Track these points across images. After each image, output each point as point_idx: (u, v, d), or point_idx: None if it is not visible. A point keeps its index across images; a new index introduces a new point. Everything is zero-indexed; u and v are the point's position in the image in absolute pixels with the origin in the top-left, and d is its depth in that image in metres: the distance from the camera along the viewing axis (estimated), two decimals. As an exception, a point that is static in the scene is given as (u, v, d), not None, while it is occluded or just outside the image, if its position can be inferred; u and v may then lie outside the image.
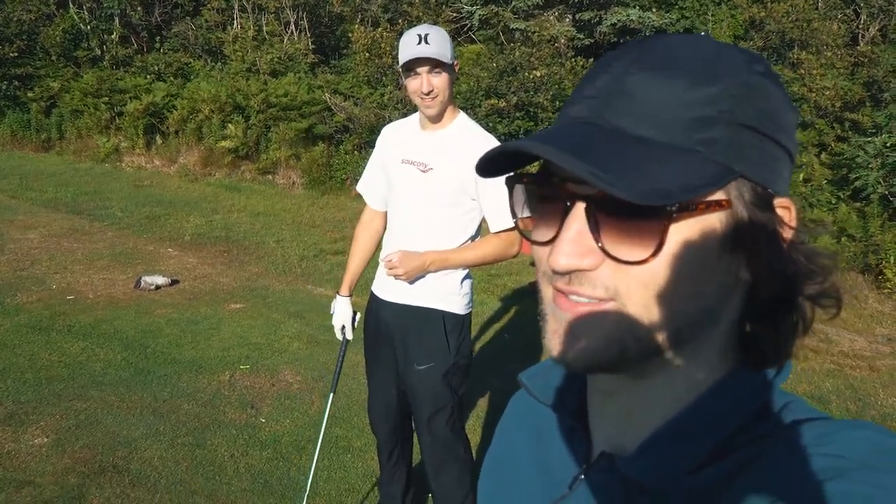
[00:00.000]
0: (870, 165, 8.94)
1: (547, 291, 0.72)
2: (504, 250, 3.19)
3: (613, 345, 0.68)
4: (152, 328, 6.27)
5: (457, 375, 3.27)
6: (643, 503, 0.72)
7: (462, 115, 3.24)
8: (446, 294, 3.23)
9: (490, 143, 3.10)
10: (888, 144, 8.82)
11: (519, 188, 0.75)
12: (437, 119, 3.16)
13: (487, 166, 0.72)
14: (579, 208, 0.67)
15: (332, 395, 3.85)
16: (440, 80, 3.04)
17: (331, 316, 3.68)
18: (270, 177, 13.18)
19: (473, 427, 4.75)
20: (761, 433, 0.70)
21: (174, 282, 7.56)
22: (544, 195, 0.72)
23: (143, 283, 7.28)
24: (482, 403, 5.16)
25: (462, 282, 3.26)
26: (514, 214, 0.75)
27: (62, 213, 10.26)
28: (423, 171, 3.16)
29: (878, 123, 9.54)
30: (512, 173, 0.73)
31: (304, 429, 4.74)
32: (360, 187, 3.59)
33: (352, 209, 11.45)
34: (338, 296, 3.64)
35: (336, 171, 12.66)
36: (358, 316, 3.66)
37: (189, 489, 3.99)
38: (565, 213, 0.68)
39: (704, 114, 0.66)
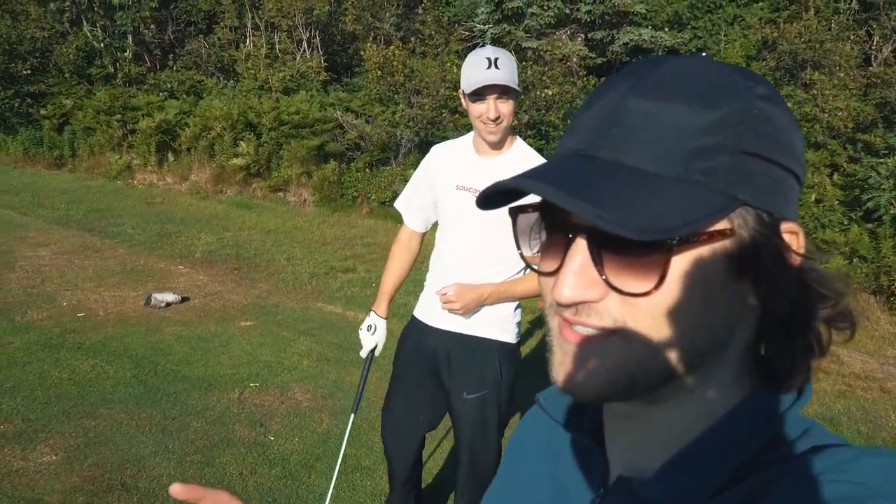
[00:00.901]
0: (882, 186, 8.92)
1: (553, 322, 0.72)
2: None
3: (620, 375, 0.67)
4: (162, 346, 6.27)
5: (504, 405, 3.22)
6: None
7: (519, 141, 3.16)
8: (500, 322, 3.17)
9: None
10: (900, 165, 8.80)
11: (523, 218, 0.74)
12: (498, 146, 3.08)
13: (488, 202, 0.72)
14: (581, 241, 0.67)
15: (353, 415, 3.78)
16: (507, 107, 2.95)
17: (358, 333, 3.58)
18: (282, 194, 13.22)
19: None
20: (779, 458, 0.69)
21: (184, 299, 7.57)
22: (548, 226, 0.72)
23: (153, 300, 7.28)
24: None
25: (515, 310, 3.21)
26: (518, 246, 0.75)
27: (73, 231, 10.30)
28: None
29: (891, 144, 9.53)
30: (514, 204, 0.73)
31: (314, 447, 4.72)
32: (401, 206, 3.50)
33: (363, 227, 11.46)
34: (374, 314, 3.54)
35: (347, 188, 12.69)
36: (384, 342, 3.57)
37: (197, 508, 3.96)
38: (568, 244, 0.68)
39: (704, 143, 0.65)
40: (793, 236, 0.69)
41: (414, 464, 3.47)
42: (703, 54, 0.75)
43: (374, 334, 3.52)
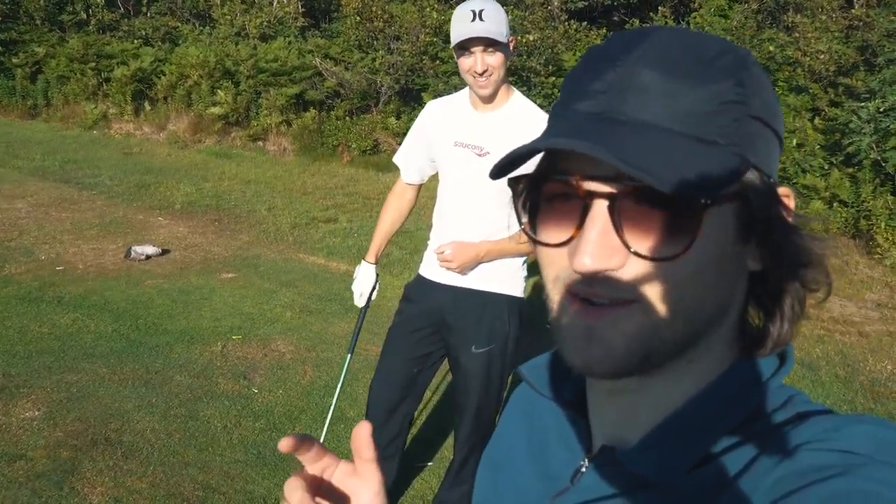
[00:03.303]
0: (863, 131, 8.90)
1: (558, 296, 0.70)
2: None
3: (638, 348, 0.66)
4: (143, 299, 6.24)
5: (510, 360, 3.24)
6: (645, 497, 0.72)
7: (517, 94, 3.13)
8: (509, 277, 3.18)
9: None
10: (881, 110, 8.78)
11: (524, 187, 0.72)
12: (490, 99, 3.04)
13: (502, 168, 0.69)
14: (600, 206, 0.65)
15: (349, 356, 3.86)
16: (495, 59, 2.91)
17: (352, 280, 3.62)
18: (261, 143, 13.10)
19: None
20: (763, 428, 0.69)
21: (165, 251, 7.53)
22: (555, 195, 0.70)
23: (133, 253, 7.24)
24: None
25: (522, 265, 3.21)
26: (519, 218, 0.73)
27: (50, 182, 10.18)
28: (480, 155, 3.05)
29: (872, 88, 9.49)
30: (513, 175, 0.70)
31: (297, 399, 4.74)
32: (398, 160, 3.48)
33: (344, 176, 11.40)
34: (363, 262, 3.57)
35: (327, 137, 12.58)
36: (378, 285, 3.62)
37: (182, 461, 3.98)
38: (584, 212, 0.66)
39: (720, 106, 0.65)
40: (787, 199, 0.70)
41: (397, 423, 3.44)
42: (684, 26, 0.75)
43: (361, 280, 3.56)
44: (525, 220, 0.73)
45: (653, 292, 0.65)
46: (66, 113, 14.60)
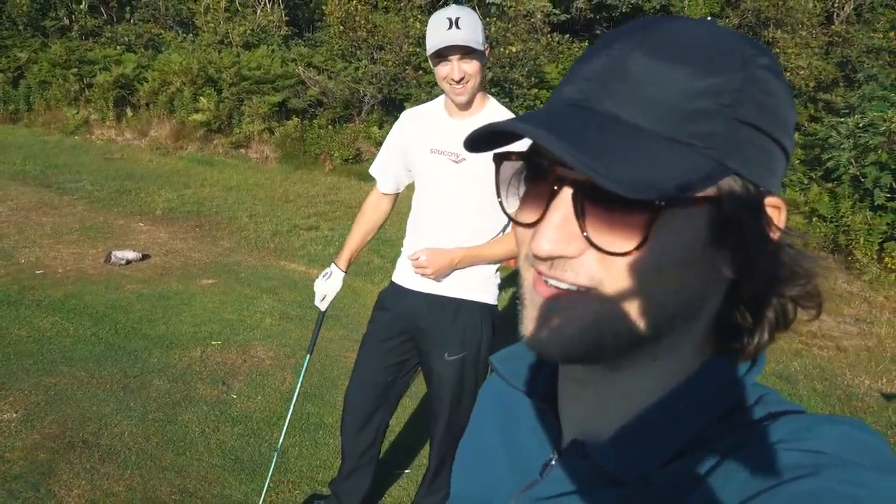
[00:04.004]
0: (842, 146, 8.99)
1: (528, 275, 0.71)
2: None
3: (589, 335, 0.67)
4: (123, 303, 6.21)
5: (483, 367, 3.24)
6: (614, 492, 0.72)
7: (492, 101, 3.13)
8: (481, 284, 3.18)
9: None
10: (860, 125, 8.88)
11: (507, 166, 0.73)
12: (466, 106, 3.05)
13: (475, 144, 0.70)
14: (566, 193, 0.66)
15: (308, 356, 3.81)
16: (471, 67, 2.91)
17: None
18: (243, 151, 13.06)
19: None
20: (735, 426, 0.69)
21: (145, 256, 7.49)
22: (532, 175, 0.71)
23: (113, 257, 7.20)
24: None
25: (496, 272, 3.22)
26: (498, 193, 0.73)
27: (31, 186, 10.11)
28: (456, 162, 3.06)
29: (851, 104, 9.59)
30: (499, 150, 0.71)
31: (276, 405, 4.72)
32: (375, 171, 3.46)
33: (325, 184, 11.38)
34: (333, 266, 3.50)
35: (310, 145, 12.57)
36: (337, 293, 3.55)
37: (159, 465, 3.96)
38: (551, 196, 0.67)
39: (703, 106, 0.64)
40: (775, 211, 0.69)
41: (373, 429, 3.43)
42: (709, 19, 0.74)
43: (327, 280, 3.49)
44: (502, 197, 0.73)
45: (608, 284, 0.65)
46: (48, 118, 14.50)
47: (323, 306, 3.56)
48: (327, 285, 3.50)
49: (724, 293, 0.72)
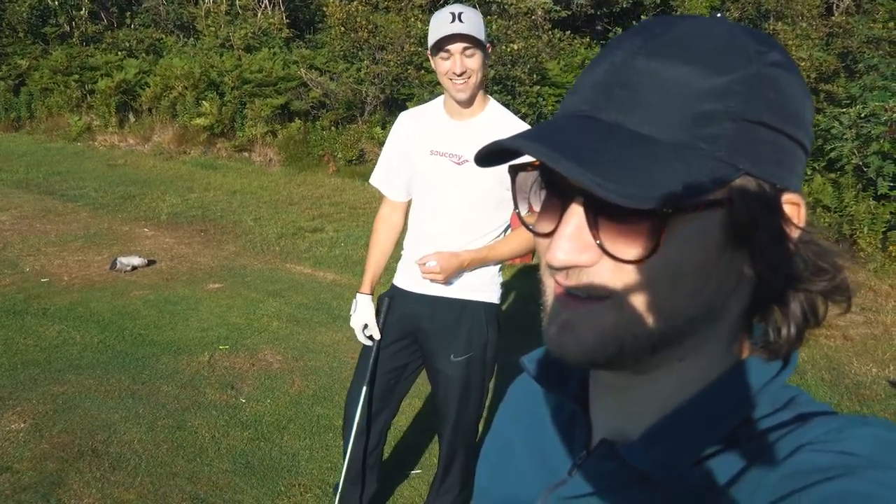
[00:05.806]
0: (844, 136, 8.98)
1: (549, 282, 0.71)
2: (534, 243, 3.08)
3: (611, 342, 0.67)
4: (129, 310, 6.22)
5: (489, 366, 3.24)
6: (643, 492, 0.72)
7: (493, 102, 3.11)
8: (485, 284, 3.17)
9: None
10: (862, 115, 8.86)
11: (523, 177, 0.73)
12: (467, 104, 3.02)
13: (486, 160, 0.70)
14: (578, 204, 0.66)
15: (365, 389, 3.38)
16: (473, 62, 2.89)
17: (347, 314, 3.44)
18: (247, 154, 13.07)
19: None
20: (766, 427, 0.69)
21: (150, 262, 7.50)
22: (547, 186, 0.71)
23: (118, 264, 7.21)
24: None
25: (498, 272, 3.21)
26: (515, 205, 0.74)
27: (34, 194, 10.13)
28: (458, 164, 3.03)
29: (853, 94, 9.57)
30: (514, 162, 0.71)
31: (285, 408, 4.72)
32: (376, 181, 3.38)
33: (330, 186, 11.39)
34: (358, 294, 3.34)
35: (313, 147, 12.57)
36: (374, 318, 3.29)
37: (170, 471, 3.97)
38: (564, 206, 0.67)
39: (709, 109, 0.63)
40: (794, 208, 0.68)
41: (378, 440, 3.44)
42: (719, 15, 0.73)
43: (357, 312, 3.32)
44: (520, 207, 0.74)
45: (625, 291, 0.65)
46: (50, 125, 14.53)
47: (374, 334, 3.30)
48: (360, 317, 3.31)
49: (749, 293, 0.71)
